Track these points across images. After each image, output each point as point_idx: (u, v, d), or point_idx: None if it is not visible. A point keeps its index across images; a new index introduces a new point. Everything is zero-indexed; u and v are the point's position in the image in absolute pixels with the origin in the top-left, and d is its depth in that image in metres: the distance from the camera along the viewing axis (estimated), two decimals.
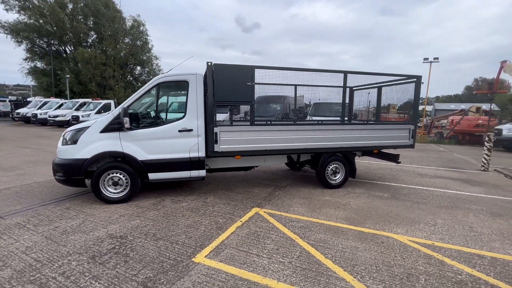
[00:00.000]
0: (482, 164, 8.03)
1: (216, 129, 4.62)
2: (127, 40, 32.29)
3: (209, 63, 4.62)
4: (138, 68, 34.32)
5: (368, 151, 6.03)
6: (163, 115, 5.41)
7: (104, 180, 4.40)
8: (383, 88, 6.71)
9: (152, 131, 4.53)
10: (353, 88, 7.05)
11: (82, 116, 18.35)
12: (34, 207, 4.28)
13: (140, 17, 32.71)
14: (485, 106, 21.95)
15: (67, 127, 4.98)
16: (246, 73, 4.71)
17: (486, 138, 8.17)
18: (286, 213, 4.22)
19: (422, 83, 5.82)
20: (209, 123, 4.63)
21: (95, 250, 3.01)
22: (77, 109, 20.06)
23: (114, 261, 2.81)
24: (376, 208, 4.53)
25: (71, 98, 25.98)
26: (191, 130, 4.62)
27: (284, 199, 4.92)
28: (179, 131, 4.59)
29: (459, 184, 6.34)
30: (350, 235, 3.52)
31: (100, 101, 20.04)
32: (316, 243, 3.28)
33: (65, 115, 19.32)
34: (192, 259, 2.87)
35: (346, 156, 5.66)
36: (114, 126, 4.36)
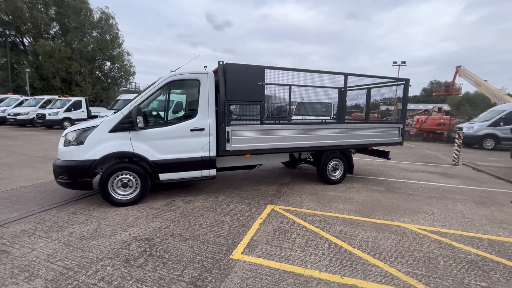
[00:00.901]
0: (453, 158, 8.97)
1: (228, 128, 4.65)
2: (94, 33, 30.21)
3: (221, 62, 4.64)
4: (108, 63, 32.29)
5: (362, 148, 6.45)
6: (172, 114, 5.28)
7: (113, 182, 4.21)
8: (371, 87, 7.20)
9: (163, 130, 4.42)
10: (344, 89, 7.46)
11: (49, 115, 16.92)
12: (34, 213, 3.96)
13: (109, 9, 30.84)
14: (446, 107, 24.27)
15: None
16: (257, 73, 4.79)
17: (456, 136, 9.14)
18: (300, 209, 4.40)
19: (410, 85, 6.37)
20: (221, 122, 4.65)
21: (126, 254, 2.92)
22: (42, 107, 18.41)
23: (152, 264, 2.75)
24: (378, 201, 4.90)
25: (32, 94, 23.70)
26: (202, 129, 4.59)
27: (293, 195, 5.10)
28: (191, 130, 4.54)
29: (438, 177, 7.04)
30: (366, 226, 3.81)
31: (70, 98, 18.57)
32: (339, 235, 3.51)
33: (27, 113, 17.63)
34: (230, 257, 2.92)
35: (344, 153, 6.00)
36: (124, 126, 4.19)
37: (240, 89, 4.67)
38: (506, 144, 13.20)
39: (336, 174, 6.00)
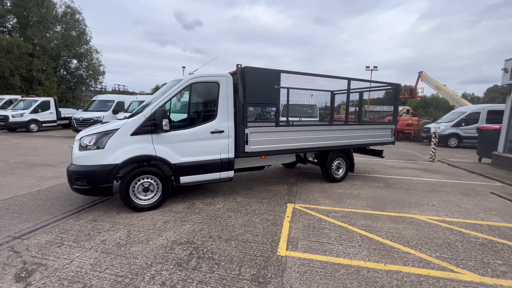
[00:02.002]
0: (430, 156, 9.92)
1: (247, 130, 4.74)
2: (58, 28, 27.95)
3: (239, 66, 4.72)
4: (74, 61, 30.03)
5: (359, 148, 6.91)
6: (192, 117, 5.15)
7: (134, 187, 4.08)
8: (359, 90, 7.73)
9: (184, 132, 4.38)
10: (334, 92, 7.92)
11: (13, 116, 15.40)
12: (49, 223, 3.70)
13: (75, 3, 28.75)
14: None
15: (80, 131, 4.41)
16: (273, 76, 4.95)
17: (433, 135, 10.13)
18: (319, 206, 4.64)
19: (401, 90, 6.96)
20: (240, 124, 4.72)
21: (174, 258, 2.90)
22: (2, 108, 16.66)
23: (206, 265, 2.78)
24: (383, 196, 5.33)
25: None
26: (222, 131, 4.63)
27: (306, 194, 5.33)
28: (211, 132, 4.55)
29: (423, 173, 7.78)
30: (384, 219, 4.15)
31: (36, 98, 17.02)
32: (365, 228, 3.79)
33: None
34: (277, 254, 3.04)
35: (346, 152, 6.40)
36: (147, 128, 4.08)
37: (258, 92, 4.79)
38: (467, 142, 14.86)
39: (339, 172, 6.36)
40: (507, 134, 8.35)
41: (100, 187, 3.88)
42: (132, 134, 4.02)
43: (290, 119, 6.43)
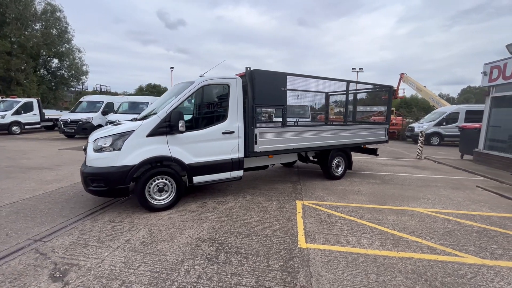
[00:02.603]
0: (417, 154, 10.52)
1: (256, 131, 4.91)
2: (38, 26, 26.78)
3: (248, 68, 4.89)
4: (55, 61, 28.85)
5: (356, 147, 7.26)
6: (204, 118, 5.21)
7: (149, 187, 4.14)
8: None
9: (197, 133, 4.48)
10: (329, 93, 8.26)
11: None
12: (66, 225, 3.70)
13: (55, 1, 27.69)
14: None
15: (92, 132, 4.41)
16: (280, 79, 5.16)
17: (419, 134, 10.74)
18: (326, 202, 4.89)
19: (393, 92, 7.40)
20: (249, 125, 4.88)
21: (203, 253, 3.02)
22: None
23: (235, 259, 2.93)
24: (382, 192, 5.67)
25: None
26: (233, 132, 4.77)
27: (310, 191, 5.57)
28: (223, 133, 4.69)
29: (413, 169, 8.27)
30: (387, 212, 4.46)
31: (18, 99, 16.29)
32: (373, 220, 4.08)
33: None
34: (299, 246, 3.24)
35: (345, 151, 6.72)
36: (163, 130, 4.16)
37: (266, 94, 4.98)
38: (447, 140, 15.78)
39: (339, 170, 6.67)
40: (487, 132, 9.04)
41: (117, 188, 3.92)
42: (148, 136, 4.09)
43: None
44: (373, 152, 7.44)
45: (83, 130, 13.95)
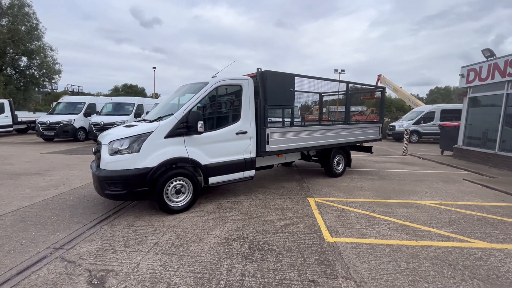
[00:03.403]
0: (403, 151, 11.16)
1: (268, 131, 5.00)
2: (4, 22, 24.81)
3: (259, 69, 4.97)
4: (24, 59, 26.88)
5: (353, 145, 7.58)
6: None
7: (167, 189, 4.07)
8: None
9: (213, 134, 4.47)
10: (323, 94, 8.57)
11: None
12: (83, 232, 3.55)
13: None
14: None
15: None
16: (289, 80, 5.29)
17: (405, 133, 11.41)
18: (335, 198, 5.08)
19: (386, 92, 7.82)
20: (261, 125, 4.95)
21: (238, 252, 3.05)
22: None
23: (271, 256, 2.99)
24: (383, 187, 5.99)
25: None
26: (246, 132, 4.82)
27: (317, 188, 5.75)
28: (236, 133, 4.72)
29: (403, 165, 8.78)
30: (395, 206, 4.74)
31: None
32: (385, 214, 4.32)
33: None
34: (326, 241, 3.37)
35: (345, 149, 7.00)
36: (180, 131, 4.11)
37: (276, 94, 5.08)
38: (425, 138, 16.86)
39: (339, 167, 6.94)
40: (465, 130, 9.82)
41: (136, 191, 3.82)
42: (166, 137, 4.02)
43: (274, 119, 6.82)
44: (369, 150, 7.81)
45: (64, 133, 13.20)
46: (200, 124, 4.06)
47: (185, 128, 4.13)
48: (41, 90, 34.17)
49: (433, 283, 2.54)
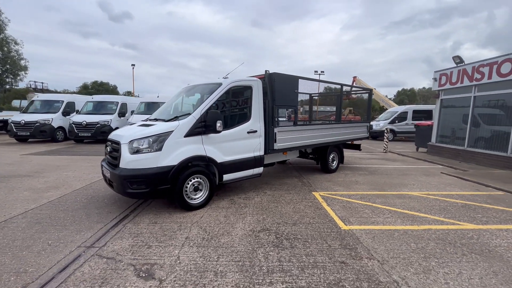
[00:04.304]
0: (384, 148, 12.04)
1: (275, 130, 5.28)
2: None
3: (267, 71, 5.23)
4: None
5: (344, 143, 8.11)
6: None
7: (186, 187, 4.19)
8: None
9: (227, 133, 4.64)
10: (312, 94, 9.07)
11: None
12: (108, 230, 3.58)
13: None
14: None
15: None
16: (293, 81, 5.61)
17: (385, 131, 12.29)
18: (337, 192, 5.50)
19: (372, 94, 8.46)
20: (270, 124, 5.22)
21: (267, 242, 3.30)
22: None
23: (299, 243, 3.27)
24: (376, 181, 6.55)
25: None
26: (256, 131, 5.05)
27: (319, 183, 6.14)
28: (248, 132, 4.94)
29: (386, 161, 9.53)
30: (391, 197, 5.26)
31: None
32: (384, 204, 4.80)
33: None
34: (342, 229, 3.73)
35: (338, 147, 7.50)
36: (199, 130, 4.25)
37: (283, 95, 5.38)
38: (399, 136, 18.17)
39: (334, 164, 7.41)
40: (438, 128, 10.86)
41: (159, 189, 3.90)
42: (186, 136, 4.14)
43: None
44: (358, 147, 8.40)
45: (41, 133, 12.41)
46: (219, 124, 4.23)
47: (203, 127, 4.27)
48: (2, 87, 31.37)
49: (441, 259, 2.99)
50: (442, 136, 10.75)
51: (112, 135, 4.52)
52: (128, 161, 3.88)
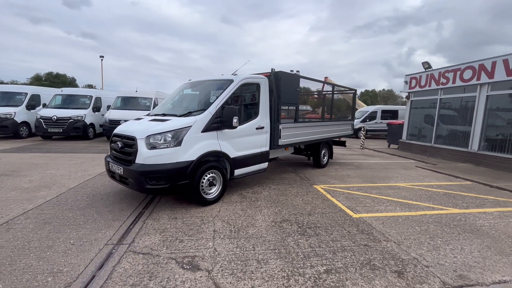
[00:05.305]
0: (361, 145, 12.94)
1: (280, 126, 5.48)
2: None
3: (273, 69, 5.41)
4: None
5: (333, 139, 8.62)
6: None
7: (202, 182, 4.22)
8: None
9: (239, 129, 4.72)
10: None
11: None
12: (129, 227, 3.50)
13: None
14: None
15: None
16: (295, 80, 5.86)
17: (362, 129, 13.19)
18: (335, 185, 5.89)
19: (357, 94, 9.08)
20: (275, 121, 5.41)
21: (292, 231, 3.50)
22: None
23: (321, 231, 3.53)
24: (364, 174, 7.10)
25: None
26: (263, 127, 5.21)
27: (316, 177, 6.50)
28: (256, 128, 5.08)
29: (366, 157, 10.30)
30: (384, 188, 5.79)
31: None
32: (380, 194, 5.29)
33: None
34: (353, 217, 4.08)
35: (329, 143, 7.96)
36: (214, 125, 4.29)
37: (287, 93, 5.60)
38: (370, 134, 19.55)
39: (325, 159, 7.86)
40: (408, 127, 11.99)
41: (178, 185, 3.88)
42: (203, 131, 4.16)
43: None
44: (343, 143, 8.99)
45: (2, 129, 11.16)
46: (235, 119, 4.30)
47: (218, 123, 4.32)
48: None
49: (443, 238, 3.46)
50: (412, 134, 11.90)
51: (122, 131, 4.35)
52: (146, 156, 3.80)
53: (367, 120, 19.26)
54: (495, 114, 8.62)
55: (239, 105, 4.96)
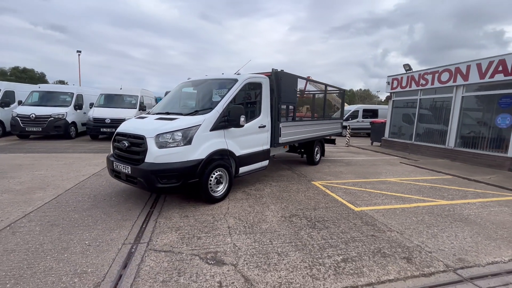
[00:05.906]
0: (346, 143, 13.46)
1: (280, 125, 5.64)
2: None
3: (274, 69, 5.54)
4: None
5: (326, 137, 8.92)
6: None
7: (211, 180, 4.27)
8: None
9: (244, 127, 4.78)
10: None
11: None
12: (142, 227, 3.49)
13: None
14: None
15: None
16: (295, 80, 6.04)
17: (347, 127, 13.71)
18: (331, 181, 6.16)
19: (348, 94, 9.46)
20: (276, 120, 5.56)
21: (303, 225, 3.67)
22: None
23: (329, 224, 3.73)
24: (356, 170, 7.46)
25: None
26: (265, 126, 5.34)
27: (312, 175, 6.74)
28: (259, 127, 5.19)
29: (353, 154, 10.77)
30: (376, 183, 6.15)
31: None
32: (374, 189, 5.62)
33: None
34: (355, 210, 4.33)
35: (321, 141, 8.25)
36: (222, 124, 4.34)
37: (286, 93, 5.76)
38: (352, 132, 20.32)
39: (317, 157, 8.14)
40: (390, 125, 12.67)
41: (188, 183, 3.90)
42: (211, 130, 4.20)
43: None
44: (333, 141, 9.35)
45: None
46: (243, 118, 4.39)
47: (226, 121, 4.38)
48: None
49: (438, 226, 3.80)
50: (394, 132, 12.59)
51: (127, 130, 4.27)
52: (156, 155, 3.78)
53: (350, 118, 20.01)
54: (467, 114, 9.39)
55: (242, 104, 5.04)
